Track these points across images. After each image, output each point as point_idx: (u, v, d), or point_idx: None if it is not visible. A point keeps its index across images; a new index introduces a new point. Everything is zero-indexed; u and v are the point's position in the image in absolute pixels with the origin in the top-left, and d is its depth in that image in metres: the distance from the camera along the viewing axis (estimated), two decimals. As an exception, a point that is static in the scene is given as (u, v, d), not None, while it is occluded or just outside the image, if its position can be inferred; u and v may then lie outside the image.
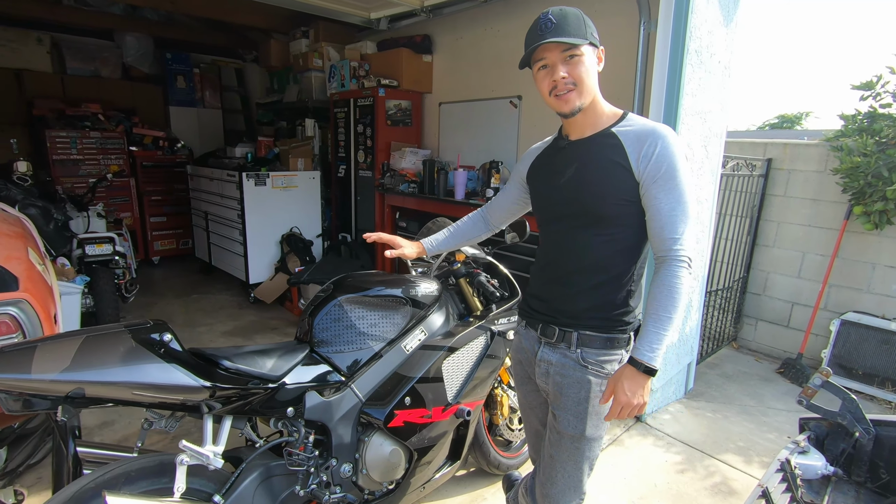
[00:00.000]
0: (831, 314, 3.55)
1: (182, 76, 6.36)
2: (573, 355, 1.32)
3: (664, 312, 1.18)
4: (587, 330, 1.31)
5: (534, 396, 1.51)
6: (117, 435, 2.55)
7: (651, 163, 1.20)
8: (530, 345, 1.44)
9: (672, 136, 1.22)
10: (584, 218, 1.29)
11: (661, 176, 1.19)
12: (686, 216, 1.20)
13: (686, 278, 1.19)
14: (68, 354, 1.10)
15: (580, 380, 1.32)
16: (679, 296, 1.18)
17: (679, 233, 1.19)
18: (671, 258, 1.20)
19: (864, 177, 3.15)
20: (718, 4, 2.57)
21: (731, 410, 3.02)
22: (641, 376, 1.20)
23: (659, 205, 1.20)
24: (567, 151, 1.34)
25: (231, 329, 4.08)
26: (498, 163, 3.52)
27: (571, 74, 1.22)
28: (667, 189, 1.19)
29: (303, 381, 1.47)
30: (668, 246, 1.20)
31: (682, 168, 1.20)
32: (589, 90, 1.24)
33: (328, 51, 5.00)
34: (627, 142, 1.23)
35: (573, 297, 1.33)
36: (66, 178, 5.16)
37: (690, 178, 1.22)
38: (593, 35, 1.23)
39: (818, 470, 1.38)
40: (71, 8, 5.07)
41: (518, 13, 3.66)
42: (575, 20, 1.22)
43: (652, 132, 1.22)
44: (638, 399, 1.21)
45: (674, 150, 1.20)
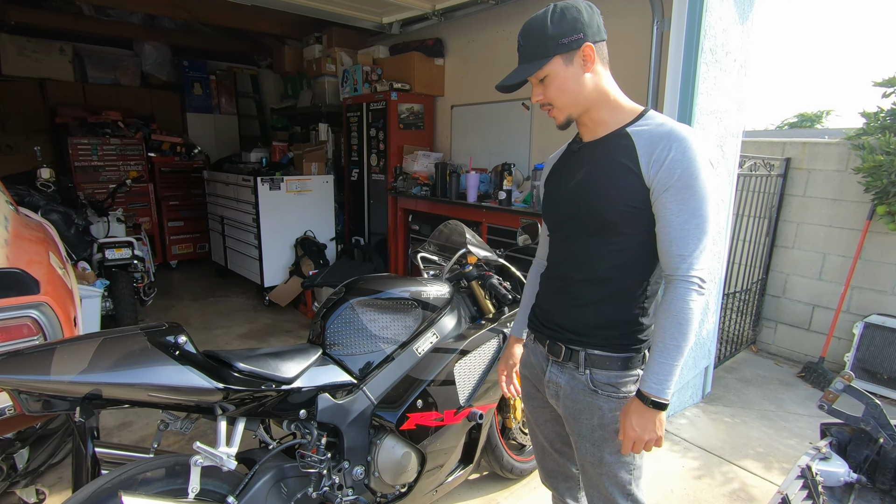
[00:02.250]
0: (854, 317, 3.45)
1: (199, 83, 6.47)
2: (582, 378, 1.23)
3: (671, 341, 1.08)
4: (595, 349, 1.21)
5: (540, 413, 1.43)
6: (135, 436, 2.60)
7: (662, 168, 1.07)
8: (538, 361, 1.36)
9: (693, 139, 1.08)
10: (589, 224, 1.20)
11: (674, 184, 1.07)
12: (701, 232, 1.07)
13: (696, 302, 1.08)
14: (86, 356, 1.12)
15: (591, 405, 1.22)
16: (687, 322, 1.08)
17: (690, 250, 1.07)
18: (679, 279, 1.08)
19: (888, 175, 3.07)
20: (733, 2, 2.53)
21: (750, 415, 2.96)
22: (650, 411, 1.11)
23: (669, 216, 1.08)
24: (580, 154, 1.26)
25: (246, 332, 4.12)
26: (510, 165, 3.51)
27: (546, 96, 1.17)
28: (679, 199, 1.07)
29: (315, 384, 1.48)
30: (677, 264, 1.08)
31: (701, 176, 1.06)
32: (570, 104, 1.16)
33: (341, 56, 5.05)
34: (640, 143, 1.12)
35: (578, 311, 1.24)
36: (87, 184, 5.28)
37: (713, 189, 1.08)
38: (560, 42, 1.10)
39: (840, 477, 1.34)
40: (92, 18, 5.21)
41: (529, 14, 3.63)
42: (536, 33, 1.13)
43: (668, 134, 1.09)
44: (649, 434, 1.12)
45: (692, 156, 1.06)
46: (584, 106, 1.17)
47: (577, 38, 1.10)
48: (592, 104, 1.17)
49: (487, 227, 3.54)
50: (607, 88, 1.18)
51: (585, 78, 1.14)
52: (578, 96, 1.15)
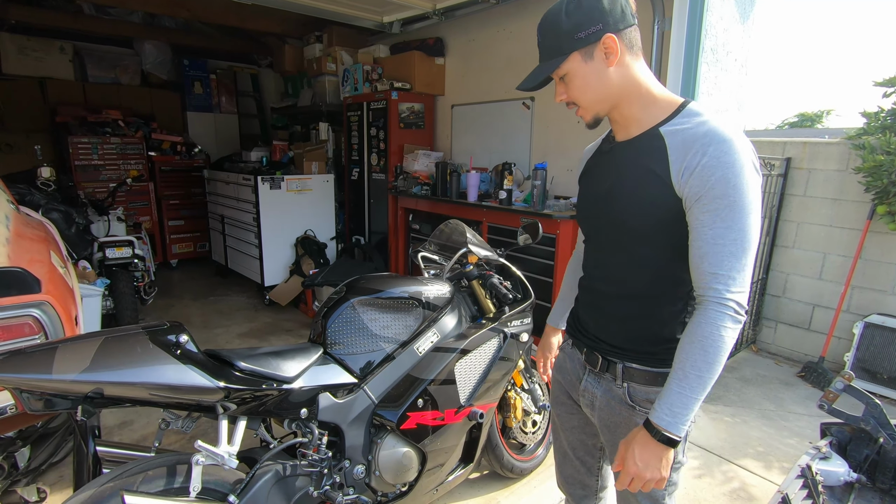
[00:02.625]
0: (854, 316, 3.46)
1: (199, 82, 6.47)
2: (619, 391, 1.15)
3: (693, 370, 0.95)
4: (632, 362, 1.12)
5: (567, 418, 1.36)
6: (136, 434, 2.60)
7: (694, 176, 0.94)
8: (574, 368, 1.29)
9: (735, 142, 0.93)
10: (617, 238, 1.11)
11: (707, 193, 0.93)
12: (740, 249, 0.93)
13: (728, 330, 0.94)
14: (88, 355, 1.12)
15: (628, 420, 1.15)
16: (714, 352, 0.94)
17: (725, 268, 0.93)
18: (710, 300, 0.95)
19: (888, 175, 3.07)
20: (734, 1, 2.53)
21: (751, 415, 2.96)
22: (657, 445, 0.98)
23: (702, 230, 0.95)
24: (611, 156, 1.14)
25: (246, 331, 4.13)
26: (511, 164, 3.51)
27: (569, 95, 1.07)
28: (713, 210, 0.93)
29: (316, 383, 1.48)
30: (708, 283, 0.95)
31: (741, 184, 0.92)
32: (595, 101, 1.06)
33: (341, 55, 5.05)
34: (673, 146, 0.98)
35: (609, 326, 1.17)
36: (87, 183, 5.28)
37: (756, 199, 0.94)
38: (576, 37, 0.99)
39: (840, 476, 1.34)
40: (92, 17, 5.20)
41: (530, 13, 3.65)
42: (550, 32, 1.03)
43: (705, 135, 0.95)
44: (652, 472, 0.99)
45: (730, 160, 0.92)
46: (612, 102, 1.06)
47: (595, 31, 0.98)
48: (622, 99, 1.05)
49: (488, 226, 3.55)
50: (640, 80, 1.04)
51: (610, 72, 1.02)
52: (603, 93, 1.04)
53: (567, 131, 3.59)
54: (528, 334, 2.03)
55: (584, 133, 3.45)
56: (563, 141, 3.61)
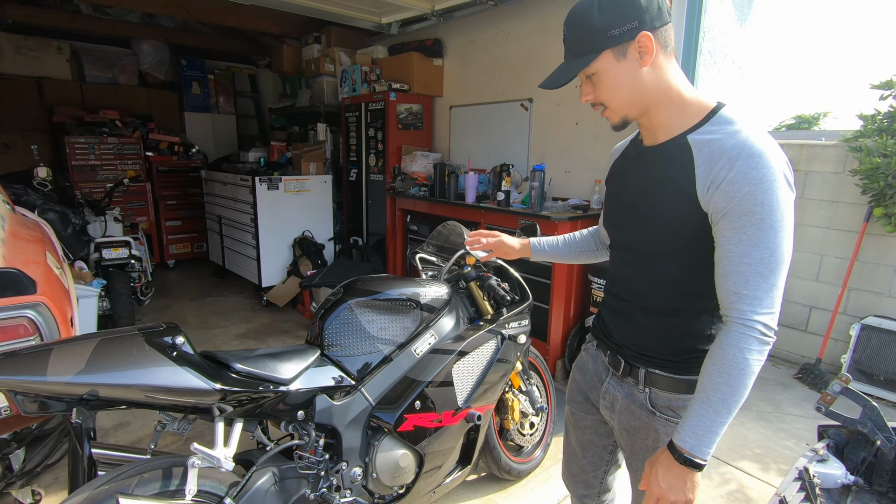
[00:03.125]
0: (851, 318, 3.47)
1: (197, 82, 6.46)
2: (641, 396, 1.13)
3: (716, 394, 0.92)
4: (656, 368, 1.09)
5: (582, 418, 1.36)
6: (132, 436, 2.59)
7: (720, 191, 0.89)
8: (596, 369, 1.28)
9: (765, 155, 0.87)
10: (640, 248, 1.07)
11: (734, 210, 0.88)
12: (768, 269, 0.88)
13: (755, 354, 0.90)
14: (83, 357, 1.11)
15: (648, 426, 1.13)
16: (739, 376, 0.90)
17: (751, 289, 0.89)
18: (734, 321, 0.91)
19: (885, 178, 3.08)
20: (732, 4, 2.54)
21: (748, 416, 2.96)
22: (680, 468, 0.95)
23: (728, 247, 0.91)
24: (638, 161, 1.09)
25: (244, 332, 4.11)
26: (509, 166, 3.51)
27: (597, 96, 1.01)
28: (740, 228, 0.88)
29: (313, 385, 1.48)
30: (732, 304, 0.91)
31: (771, 202, 0.87)
32: (626, 104, 0.99)
33: (340, 56, 5.05)
34: (700, 157, 0.93)
35: (634, 335, 1.14)
36: (84, 183, 5.26)
37: (789, 216, 0.89)
38: (609, 34, 0.92)
39: (838, 479, 1.34)
40: (90, 17, 5.19)
41: (529, 15, 3.65)
42: (580, 27, 0.96)
43: (733, 148, 0.89)
44: (676, 495, 0.96)
45: (760, 177, 0.86)
46: (643, 106, 0.99)
47: (630, 28, 0.91)
48: (652, 103, 0.98)
49: (486, 227, 3.54)
50: (672, 83, 0.98)
51: (643, 73, 0.95)
52: (635, 95, 0.97)
53: (565, 133, 3.59)
54: (525, 336, 2.03)
55: (582, 135, 3.46)
56: (561, 142, 3.61)
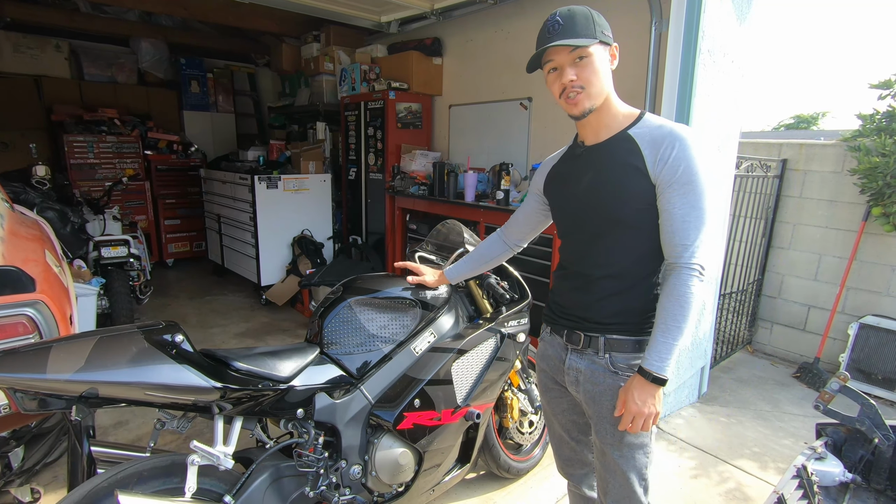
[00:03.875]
0: (849, 318, 3.47)
1: (196, 81, 6.45)
2: (602, 361, 1.29)
3: (672, 322, 1.16)
4: (614, 334, 1.28)
5: (557, 403, 1.49)
6: (131, 434, 2.59)
7: (667, 165, 1.16)
8: (556, 352, 1.42)
9: (692, 138, 1.17)
10: (603, 225, 1.26)
11: (677, 179, 1.15)
12: (701, 223, 1.16)
13: (697, 287, 1.16)
14: (82, 355, 1.11)
15: (612, 387, 1.28)
16: (689, 305, 1.15)
17: (691, 240, 1.16)
18: (682, 266, 1.16)
19: (883, 177, 3.09)
20: (732, 3, 2.54)
21: (746, 415, 2.97)
22: (651, 386, 1.18)
23: (672, 209, 1.17)
24: (584, 158, 1.31)
25: (243, 330, 4.11)
26: (508, 165, 3.51)
27: (580, 77, 1.19)
28: (681, 193, 1.15)
29: (312, 383, 1.48)
30: (679, 253, 1.17)
31: (700, 172, 1.16)
32: (599, 91, 1.21)
33: (339, 54, 5.04)
34: (644, 144, 1.20)
35: (597, 304, 1.30)
36: (83, 182, 5.26)
37: (711, 184, 1.18)
38: (604, 33, 1.19)
39: (836, 477, 1.35)
40: (88, 15, 5.17)
41: (528, 14, 3.65)
42: (583, 19, 1.18)
43: (669, 134, 1.18)
44: (649, 408, 1.19)
45: (692, 154, 1.15)
46: (603, 98, 1.22)
47: (610, 36, 1.21)
48: (605, 100, 1.23)
49: (485, 226, 3.55)
50: (613, 92, 1.25)
51: (610, 71, 1.23)
52: (605, 84, 1.22)
53: (564, 132, 3.58)
54: (524, 334, 2.03)
55: (581, 134, 3.46)
56: (560, 141, 3.58)
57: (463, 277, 1.80)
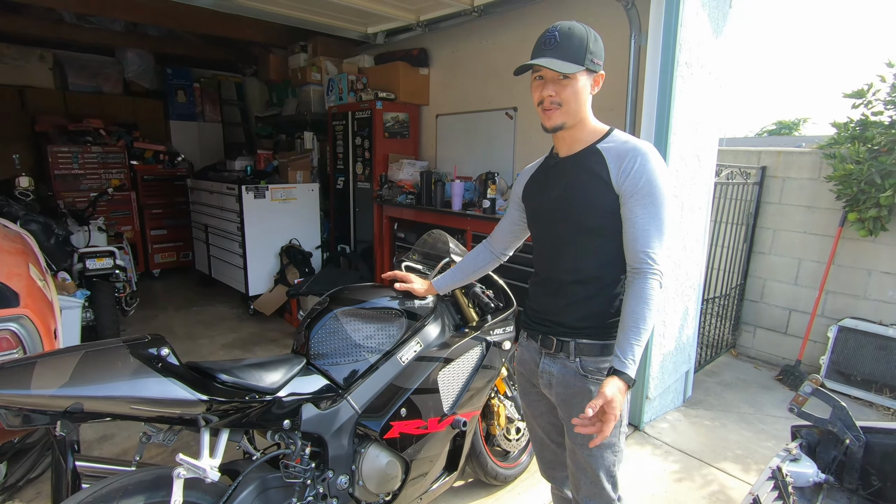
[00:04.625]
0: (829, 320, 3.55)
1: (182, 91, 6.43)
2: (572, 365, 1.35)
3: (641, 322, 1.21)
4: (583, 339, 1.34)
5: (536, 406, 1.54)
6: (117, 448, 2.56)
7: (629, 178, 1.23)
8: (531, 356, 1.48)
9: (652, 153, 1.25)
10: (571, 232, 1.34)
11: (638, 191, 1.23)
12: (661, 232, 1.23)
13: (657, 291, 1.22)
14: (67, 370, 1.12)
15: (582, 389, 1.34)
16: (650, 307, 1.21)
17: (652, 247, 1.22)
18: (643, 271, 1.23)
19: (858, 184, 3.18)
20: (708, 17, 2.61)
21: (730, 418, 3.02)
22: (622, 384, 1.21)
23: (634, 218, 1.24)
24: (557, 168, 1.40)
25: (231, 341, 4.09)
26: (494, 174, 3.55)
27: (559, 94, 1.26)
28: (643, 204, 1.23)
29: (299, 394, 1.49)
30: (641, 259, 1.23)
31: (660, 184, 1.23)
32: (574, 112, 1.28)
33: (326, 65, 5.07)
34: (609, 157, 1.27)
35: (568, 309, 1.36)
36: (67, 193, 5.20)
37: (670, 195, 1.25)
38: (593, 61, 1.25)
39: (809, 477, 1.39)
40: (73, 25, 5.15)
41: (513, 26, 3.72)
42: (578, 43, 1.23)
43: (632, 149, 1.26)
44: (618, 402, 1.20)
45: (652, 167, 1.23)
46: (577, 119, 1.30)
47: (599, 64, 1.28)
48: (580, 120, 1.31)
49: (472, 235, 3.58)
50: (590, 112, 1.34)
51: (589, 97, 1.31)
52: (580, 108, 1.29)
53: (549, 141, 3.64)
54: (510, 342, 2.06)
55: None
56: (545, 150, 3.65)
57: (450, 287, 1.84)
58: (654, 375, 2.78)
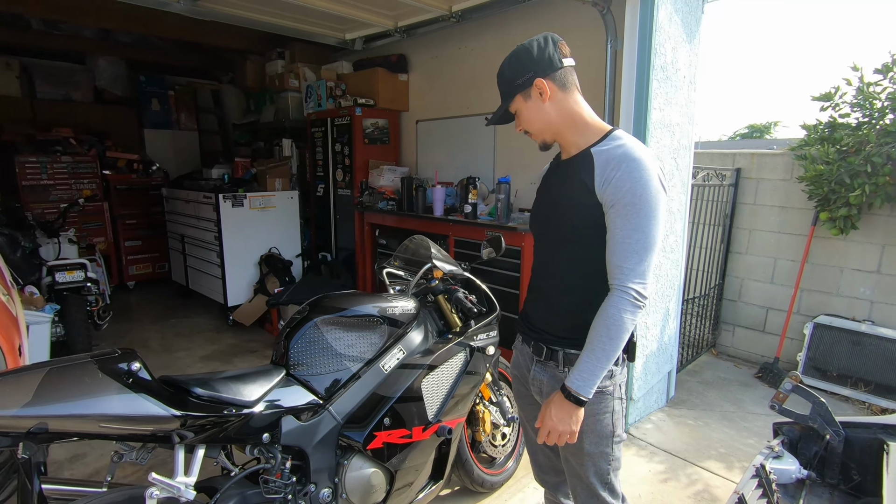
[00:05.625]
0: (804, 318, 3.63)
1: (157, 98, 6.31)
2: (561, 375, 1.31)
3: (599, 344, 1.15)
4: (571, 348, 1.30)
5: (529, 409, 1.52)
6: (88, 469, 2.46)
7: (611, 185, 1.15)
8: (525, 361, 1.46)
9: (643, 160, 1.15)
10: (557, 238, 1.31)
11: (619, 201, 1.14)
12: (643, 248, 1.13)
13: (629, 313, 1.14)
14: (30, 388, 1.06)
15: None
16: (617, 330, 1.14)
17: (629, 263, 1.14)
18: (615, 287, 1.16)
19: (828, 184, 3.27)
20: (681, 22, 2.66)
21: (712, 417, 3.05)
22: (568, 404, 1.19)
23: (614, 230, 1.16)
24: (557, 171, 1.36)
25: (209, 353, 3.99)
26: (475, 179, 3.55)
27: (521, 125, 1.30)
28: (624, 215, 1.14)
29: (279, 406, 1.45)
30: (615, 274, 1.16)
31: (647, 196, 1.13)
32: (541, 131, 1.28)
33: (304, 71, 5.03)
34: (598, 162, 1.20)
35: (554, 318, 1.34)
36: (36, 204, 5.04)
37: (661, 209, 1.15)
38: (516, 83, 1.23)
39: (792, 474, 1.40)
40: (42, 32, 5.01)
41: (491, 32, 3.74)
42: (501, 80, 1.27)
43: (621, 154, 1.16)
44: (564, 426, 1.20)
45: (639, 176, 1.13)
46: (554, 130, 1.27)
47: (528, 77, 1.22)
48: (561, 128, 1.27)
49: (454, 240, 3.57)
50: (574, 111, 1.25)
51: (546, 107, 1.24)
52: (544, 123, 1.26)
53: (529, 146, 3.66)
54: (494, 347, 2.04)
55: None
56: (525, 155, 3.68)
57: None
58: (638, 376, 2.80)
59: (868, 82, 3.19)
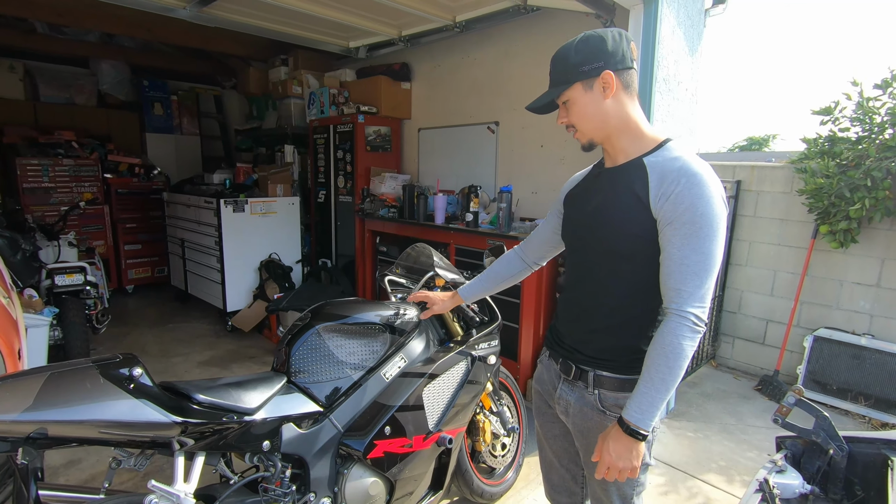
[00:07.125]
0: (804, 330, 3.63)
1: (159, 103, 6.33)
2: (591, 397, 1.25)
3: (657, 374, 1.08)
4: (603, 370, 1.23)
5: (550, 427, 1.46)
6: (84, 474, 2.44)
7: (668, 201, 1.07)
8: (551, 378, 1.40)
9: (704, 175, 1.07)
10: (600, 251, 1.22)
11: (678, 218, 1.06)
12: (703, 270, 1.05)
13: (688, 339, 1.06)
14: (30, 393, 1.05)
15: (600, 425, 1.25)
16: (675, 358, 1.06)
17: (688, 286, 1.06)
18: (673, 312, 1.07)
19: (828, 197, 3.28)
20: (683, 36, 2.69)
21: (712, 429, 3.04)
22: (627, 438, 1.11)
23: (671, 249, 1.08)
24: (600, 180, 1.27)
25: (207, 359, 3.97)
26: (476, 187, 3.56)
27: (569, 118, 1.20)
28: (683, 235, 1.06)
29: (279, 414, 1.44)
30: (672, 298, 1.08)
31: (709, 215, 1.05)
32: (592, 129, 1.19)
33: (307, 78, 5.06)
34: (653, 174, 1.11)
35: (589, 336, 1.26)
36: (36, 207, 5.04)
37: (721, 228, 1.07)
38: (582, 70, 1.13)
39: (795, 489, 1.39)
40: (46, 36, 5.04)
41: (493, 42, 3.77)
42: (559, 64, 1.17)
43: (681, 168, 1.08)
44: (624, 462, 1.12)
45: (700, 192, 1.05)
46: (606, 132, 1.19)
47: (597, 66, 1.13)
48: (614, 130, 1.18)
49: (455, 248, 3.57)
50: (631, 117, 1.18)
51: (606, 104, 1.15)
52: (599, 121, 1.17)
53: (531, 155, 3.68)
54: (495, 356, 2.04)
55: (547, 157, 3.56)
56: (527, 164, 3.70)
57: (477, 297, 1.74)
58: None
59: (868, 97, 3.21)
